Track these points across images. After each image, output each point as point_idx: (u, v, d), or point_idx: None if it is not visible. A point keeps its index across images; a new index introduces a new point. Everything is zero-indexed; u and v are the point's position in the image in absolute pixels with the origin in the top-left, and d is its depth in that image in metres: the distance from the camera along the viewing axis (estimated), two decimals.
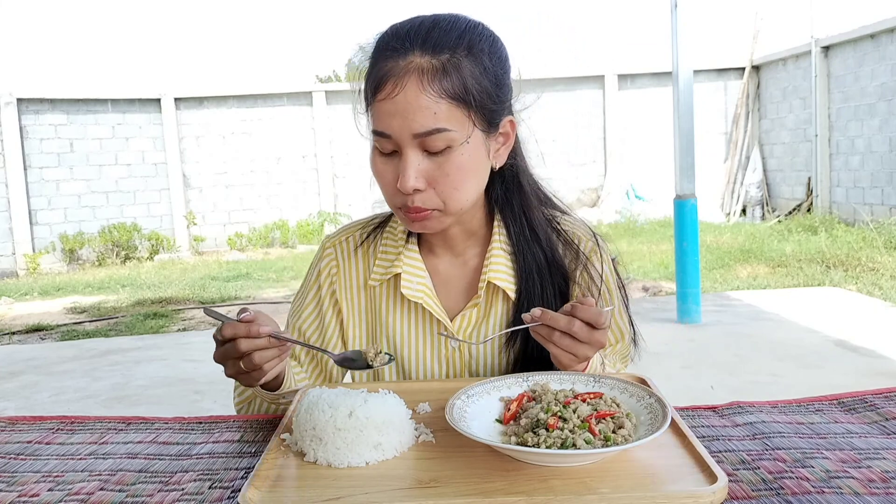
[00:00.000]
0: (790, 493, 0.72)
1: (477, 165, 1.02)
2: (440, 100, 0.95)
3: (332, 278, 1.19)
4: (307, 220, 11.31)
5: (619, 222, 10.58)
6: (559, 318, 0.94)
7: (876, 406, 0.95)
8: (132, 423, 1.02)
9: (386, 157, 1.01)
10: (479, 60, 0.99)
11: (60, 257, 10.42)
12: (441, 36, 0.98)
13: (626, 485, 0.71)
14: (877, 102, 8.58)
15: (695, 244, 5.28)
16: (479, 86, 0.98)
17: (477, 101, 0.98)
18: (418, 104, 0.95)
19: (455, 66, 0.96)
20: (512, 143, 1.09)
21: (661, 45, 8.00)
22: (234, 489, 0.78)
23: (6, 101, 10.03)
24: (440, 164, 0.99)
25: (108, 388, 4.49)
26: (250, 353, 0.92)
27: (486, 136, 1.02)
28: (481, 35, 1.01)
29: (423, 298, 1.12)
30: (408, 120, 0.96)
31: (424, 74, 0.95)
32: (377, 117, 0.99)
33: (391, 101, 0.96)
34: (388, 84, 0.96)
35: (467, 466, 0.77)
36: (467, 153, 0.99)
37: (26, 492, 0.80)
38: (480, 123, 1.00)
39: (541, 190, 1.18)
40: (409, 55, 0.96)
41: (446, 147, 0.98)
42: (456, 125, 0.97)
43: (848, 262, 6.96)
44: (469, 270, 1.16)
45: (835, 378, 3.92)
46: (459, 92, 0.96)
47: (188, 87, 11.18)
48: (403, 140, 0.97)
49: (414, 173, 0.98)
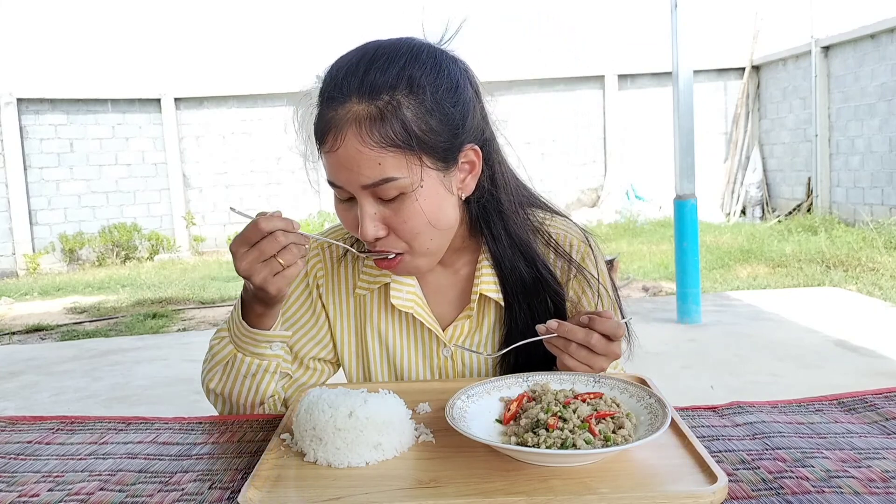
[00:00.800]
0: (790, 493, 0.72)
1: (437, 206, 0.97)
2: (383, 150, 0.91)
3: (319, 282, 1.17)
4: (307, 220, 11.31)
5: (619, 222, 10.58)
6: (577, 331, 0.93)
7: (876, 406, 0.95)
8: (132, 423, 1.02)
9: (345, 204, 0.99)
10: (422, 99, 0.93)
11: (60, 257, 10.42)
12: (378, 77, 0.92)
13: (626, 485, 0.71)
14: (877, 102, 8.58)
15: (695, 244, 5.29)
16: (424, 125, 0.93)
17: (423, 142, 0.93)
18: (360, 156, 0.91)
19: (394, 109, 0.91)
20: (479, 171, 1.03)
21: (661, 45, 7.99)
22: (234, 489, 0.78)
23: (6, 101, 10.03)
24: (396, 211, 0.95)
25: (108, 388, 4.49)
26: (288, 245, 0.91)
27: (443, 174, 0.97)
28: (424, 67, 0.94)
29: (413, 308, 1.11)
30: (353, 172, 0.92)
31: (362, 125, 0.90)
32: (326, 168, 0.97)
33: (334, 154, 0.93)
34: (329, 136, 0.93)
35: (467, 466, 0.77)
36: (423, 197, 0.95)
37: (26, 492, 0.80)
38: (433, 163, 0.95)
39: (525, 194, 1.15)
40: (346, 103, 0.92)
41: (399, 194, 0.94)
42: (404, 171, 0.92)
43: (848, 262, 6.96)
44: (460, 279, 1.14)
45: (835, 378, 3.92)
46: (402, 137, 0.91)
47: (188, 87, 11.19)
48: (354, 191, 0.95)
49: (371, 223, 0.96)
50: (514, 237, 1.08)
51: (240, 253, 0.93)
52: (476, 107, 1.02)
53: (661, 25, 6.12)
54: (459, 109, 0.97)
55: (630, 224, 10.33)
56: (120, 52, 13.39)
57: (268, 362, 1.06)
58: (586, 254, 1.13)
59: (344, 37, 1.04)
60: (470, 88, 1.01)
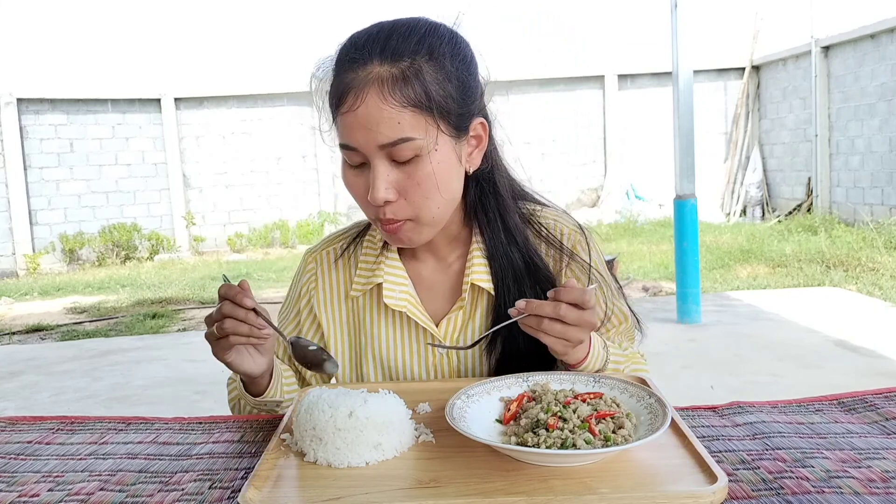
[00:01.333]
0: (790, 493, 0.72)
1: (448, 172, 1.00)
2: (403, 109, 0.93)
3: (311, 293, 1.18)
4: (307, 220, 11.31)
5: (618, 222, 10.58)
6: (545, 305, 0.92)
7: (876, 406, 0.95)
8: (132, 423, 1.02)
9: (356, 170, 1.00)
10: (441, 64, 0.96)
11: (60, 257, 10.42)
12: (400, 43, 0.95)
13: (626, 485, 0.71)
14: (877, 102, 8.58)
15: (695, 244, 5.29)
16: (443, 90, 0.96)
17: (441, 106, 0.96)
18: (381, 115, 0.93)
19: (416, 72, 0.94)
20: (485, 145, 1.06)
21: (661, 45, 7.99)
22: (234, 489, 0.78)
23: (6, 101, 10.03)
24: (409, 174, 0.97)
25: (108, 388, 4.50)
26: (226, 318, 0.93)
27: (455, 142, 1.00)
28: (442, 38, 0.98)
29: (406, 307, 1.11)
30: (372, 131, 0.94)
31: (385, 84, 0.93)
32: (342, 130, 0.97)
33: (353, 113, 0.94)
34: (349, 96, 0.95)
35: (467, 466, 0.77)
36: (436, 160, 0.97)
37: (26, 492, 0.80)
38: (447, 129, 0.98)
39: (517, 187, 1.17)
40: (368, 65, 0.94)
41: (414, 156, 0.96)
42: (421, 133, 0.95)
43: (848, 262, 6.96)
44: (452, 274, 1.15)
45: (835, 378, 3.92)
46: (422, 99, 0.94)
47: (188, 87, 11.19)
48: (370, 152, 0.96)
49: (383, 185, 0.96)
50: (509, 222, 1.10)
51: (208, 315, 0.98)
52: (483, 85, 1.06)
53: (661, 25, 6.12)
54: (473, 81, 1.02)
55: (630, 224, 10.33)
56: (120, 52, 13.39)
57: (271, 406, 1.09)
58: (577, 241, 1.14)
59: (343, 37, 1.04)
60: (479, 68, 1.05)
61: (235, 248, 11.11)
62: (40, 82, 11.19)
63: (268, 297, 7.36)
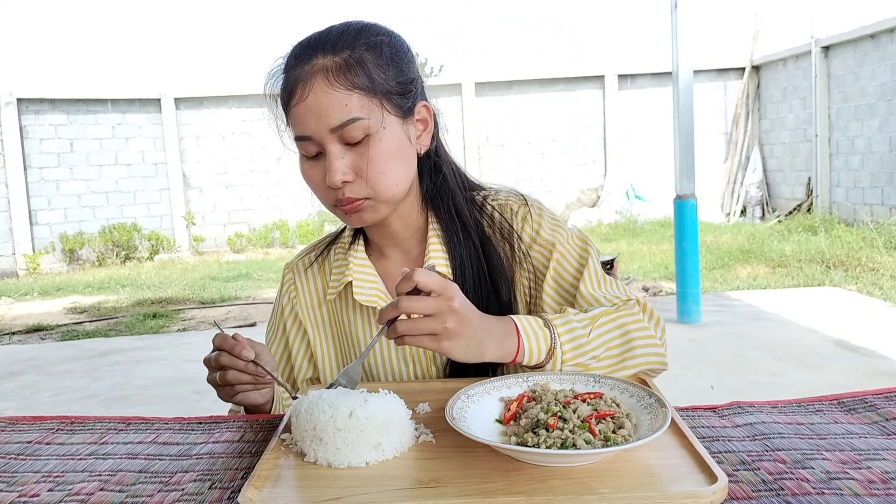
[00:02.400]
0: (790, 494, 0.72)
1: (399, 149, 1.04)
2: (349, 91, 0.99)
3: (293, 303, 1.22)
4: (307, 220, 11.31)
5: (619, 222, 10.58)
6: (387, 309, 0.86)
7: (876, 406, 0.94)
8: (132, 423, 1.02)
9: (312, 161, 1.05)
10: (379, 52, 1.03)
11: (60, 257, 10.42)
12: (339, 37, 1.03)
13: (626, 485, 0.71)
14: (877, 102, 8.58)
15: (695, 244, 5.29)
16: (384, 74, 1.02)
17: (384, 88, 1.02)
18: (328, 100, 0.99)
19: (357, 60, 1.01)
20: (432, 128, 1.12)
21: (661, 45, 8.00)
22: (234, 489, 0.78)
23: (6, 101, 10.03)
24: (362, 153, 1.02)
25: (108, 388, 4.50)
26: (227, 369, 0.98)
27: (402, 122, 1.05)
28: (378, 31, 1.06)
29: (376, 302, 1.13)
30: (322, 117, 0.99)
31: (329, 72, 1.00)
32: (295, 123, 1.03)
33: (303, 103, 1.00)
34: (297, 89, 1.01)
35: (467, 466, 0.77)
36: (386, 138, 1.02)
37: (26, 492, 0.80)
38: (393, 109, 1.03)
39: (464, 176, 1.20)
40: (313, 59, 1.01)
41: (365, 136, 1.01)
42: (368, 113, 1.00)
43: (848, 262, 6.96)
44: (416, 265, 1.17)
45: (835, 378, 3.92)
46: (365, 82, 1.00)
47: (188, 87, 11.19)
48: (323, 137, 1.01)
49: (339, 166, 1.01)
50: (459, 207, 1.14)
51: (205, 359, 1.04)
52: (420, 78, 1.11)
53: (661, 25, 6.12)
54: (412, 69, 1.08)
55: (630, 224, 10.33)
56: (120, 52, 13.39)
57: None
58: (526, 212, 1.16)
59: None
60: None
61: (235, 248, 11.11)
62: (40, 82, 11.19)
63: (268, 297, 7.36)
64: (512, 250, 1.14)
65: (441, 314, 0.86)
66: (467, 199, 1.16)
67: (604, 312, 1.03)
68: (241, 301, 7.30)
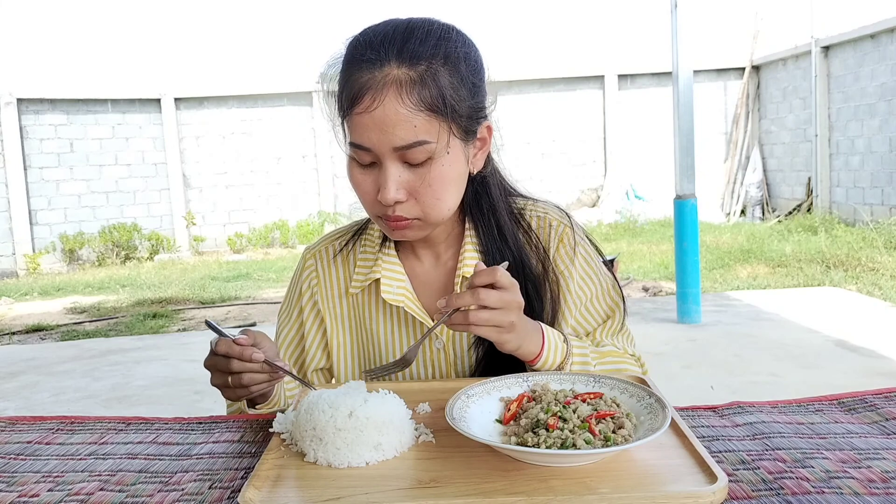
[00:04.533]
0: (790, 494, 0.72)
1: (457, 174, 1.02)
2: (419, 112, 0.94)
3: (313, 290, 1.19)
4: (307, 220, 11.31)
5: (619, 222, 10.58)
6: (463, 296, 0.92)
7: (876, 406, 0.95)
8: (132, 423, 1.02)
9: (365, 168, 1.00)
10: (456, 69, 0.98)
11: (60, 257, 10.42)
12: (417, 45, 0.96)
13: (626, 485, 0.71)
14: (877, 102, 8.58)
15: (695, 244, 5.29)
16: (457, 95, 0.97)
17: (455, 110, 0.97)
18: (398, 118, 0.94)
19: (432, 76, 0.95)
20: (489, 147, 1.08)
21: (661, 45, 8.00)
22: (234, 489, 0.78)
23: (6, 101, 10.03)
24: (421, 176, 0.98)
25: (108, 388, 4.50)
26: (240, 373, 0.96)
27: (464, 144, 1.02)
28: (456, 42, 0.99)
29: (403, 301, 1.12)
30: (387, 133, 0.94)
31: (403, 87, 0.94)
32: (355, 130, 0.97)
33: (369, 114, 0.94)
34: (365, 97, 0.94)
35: (467, 466, 0.77)
36: (448, 163, 0.99)
37: (26, 492, 0.80)
38: (459, 132, 0.99)
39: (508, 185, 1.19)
40: (385, 66, 0.94)
41: (427, 158, 0.97)
42: (435, 136, 0.96)
43: (848, 262, 6.96)
44: (447, 271, 1.16)
45: (835, 378, 3.92)
46: (438, 103, 0.95)
47: (188, 87, 11.19)
48: (383, 153, 0.96)
49: (395, 185, 0.97)
50: (501, 220, 1.12)
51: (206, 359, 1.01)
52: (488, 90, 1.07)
53: (661, 25, 6.12)
54: (483, 86, 1.03)
55: (630, 224, 10.33)
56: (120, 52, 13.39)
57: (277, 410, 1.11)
58: (565, 231, 1.15)
59: (342, 37, 1.05)
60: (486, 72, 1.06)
61: (235, 248, 11.11)
62: (40, 82, 11.20)
63: (268, 297, 7.37)
64: (544, 268, 1.14)
65: (510, 309, 0.94)
66: (508, 209, 1.15)
67: (612, 352, 1.13)
68: (241, 301, 7.30)
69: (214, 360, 0.98)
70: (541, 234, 1.15)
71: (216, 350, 0.97)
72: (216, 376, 0.99)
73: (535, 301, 1.12)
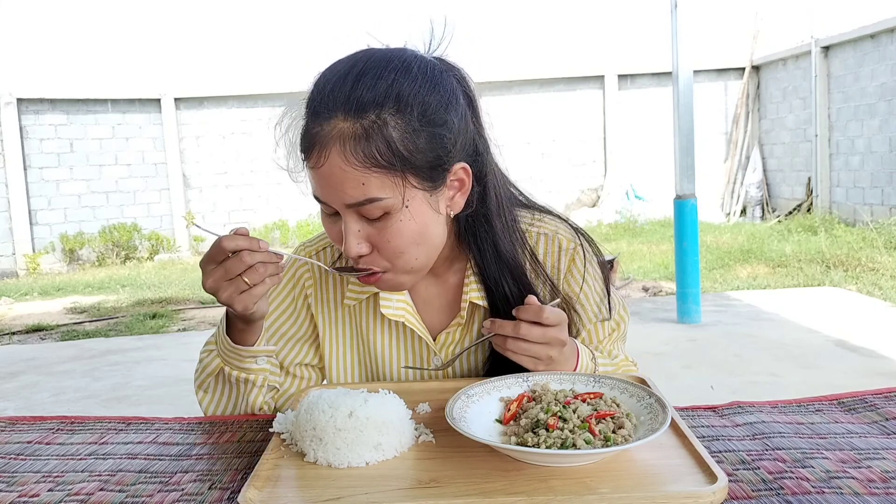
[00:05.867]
0: (790, 494, 0.72)
1: (422, 226, 0.95)
2: (367, 170, 0.89)
3: (307, 291, 1.16)
4: (307, 220, 11.31)
5: (619, 222, 10.58)
6: (506, 325, 0.95)
7: (876, 406, 0.95)
8: (132, 423, 1.02)
9: (332, 217, 0.98)
10: (409, 116, 0.90)
11: (60, 257, 10.42)
12: (365, 92, 0.89)
13: (626, 485, 0.71)
14: (877, 102, 8.58)
15: (695, 244, 5.28)
16: (412, 145, 0.90)
17: (410, 162, 0.90)
18: (344, 176, 0.89)
19: (379, 129, 0.88)
20: (469, 188, 1.00)
21: (661, 45, 8.00)
22: (234, 489, 0.78)
23: (6, 101, 10.03)
24: (380, 230, 0.94)
25: (108, 388, 4.49)
26: (254, 264, 0.91)
27: (429, 194, 0.95)
28: (414, 82, 0.91)
29: (404, 317, 1.10)
30: (338, 191, 0.91)
31: (346, 143, 0.88)
32: (311, 183, 0.95)
33: (319, 170, 0.91)
34: (313, 152, 0.91)
35: (467, 466, 0.77)
36: (407, 217, 0.93)
37: (26, 492, 0.80)
38: (419, 183, 0.92)
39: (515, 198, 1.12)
40: (332, 119, 0.89)
41: (384, 213, 0.92)
42: (389, 192, 0.90)
43: (848, 262, 6.96)
44: (449, 288, 1.13)
45: (835, 378, 3.92)
46: (387, 158, 0.89)
47: (188, 87, 11.19)
48: (339, 208, 0.93)
49: (354, 240, 0.94)
50: (501, 251, 1.06)
51: (206, 270, 0.94)
52: (469, 120, 0.99)
53: (661, 25, 6.12)
54: (450, 127, 0.94)
55: (630, 224, 10.33)
56: (120, 52, 13.39)
57: (255, 376, 1.07)
58: (576, 252, 1.11)
59: (343, 37, 1.03)
60: (463, 102, 0.98)
61: None
62: (40, 82, 11.19)
63: None
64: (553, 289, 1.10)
65: (552, 346, 0.96)
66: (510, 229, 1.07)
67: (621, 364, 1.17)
68: None
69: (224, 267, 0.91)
70: (548, 259, 1.10)
71: (224, 247, 0.91)
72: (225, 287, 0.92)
73: None
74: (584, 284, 1.11)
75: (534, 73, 11.22)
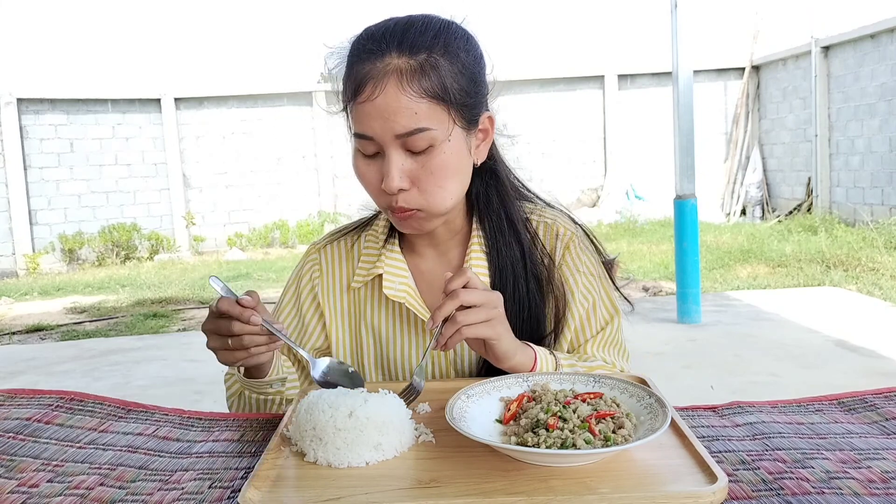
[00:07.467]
0: (790, 494, 0.72)
1: (459, 163, 1.03)
2: (420, 99, 0.96)
3: (314, 283, 1.20)
4: (307, 220, 11.31)
5: (619, 222, 10.58)
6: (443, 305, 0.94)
7: (876, 406, 0.94)
8: (132, 409, 1.03)
9: (369, 159, 1.02)
10: (456, 58, 1.00)
11: (60, 257, 10.42)
12: (416, 36, 0.98)
13: (626, 485, 0.71)
14: (877, 102, 8.58)
15: (695, 244, 5.29)
16: (457, 83, 0.99)
17: (456, 98, 0.99)
18: (399, 105, 0.95)
19: (433, 65, 0.97)
20: (491, 138, 1.10)
21: (661, 45, 8.00)
22: (234, 489, 0.78)
23: (6, 101, 10.03)
24: (423, 164, 0.99)
25: (108, 388, 4.49)
26: (241, 335, 0.95)
27: (466, 133, 1.03)
28: (455, 34, 1.02)
29: (405, 298, 1.13)
30: (389, 121, 0.96)
31: (403, 75, 0.96)
32: (358, 120, 0.99)
33: (371, 103, 0.96)
34: (367, 86, 0.97)
35: (467, 466, 0.77)
36: (449, 151, 1.00)
37: (25, 480, 0.80)
38: (460, 121, 1.01)
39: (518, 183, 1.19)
40: (386, 57, 0.97)
41: (429, 146, 0.98)
42: (437, 124, 0.98)
43: (848, 262, 6.96)
44: (452, 269, 1.16)
45: (835, 378, 3.92)
46: (439, 90, 0.97)
47: (188, 87, 11.19)
48: (386, 141, 0.98)
49: (398, 173, 0.98)
50: (511, 214, 1.13)
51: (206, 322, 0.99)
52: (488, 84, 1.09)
53: (661, 25, 6.12)
54: (483, 77, 1.06)
55: (630, 224, 10.33)
56: (120, 52, 13.39)
57: (273, 397, 1.11)
58: (571, 240, 1.16)
59: (343, 37, 1.05)
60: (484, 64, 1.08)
61: (235, 247, 11.11)
62: (40, 82, 11.19)
63: (267, 297, 7.36)
64: (548, 272, 1.14)
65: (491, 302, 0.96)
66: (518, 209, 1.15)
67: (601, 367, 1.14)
68: None
69: (215, 323, 0.97)
70: (546, 243, 1.16)
71: (217, 308, 0.95)
72: (213, 339, 0.98)
73: (538, 300, 1.12)
74: (575, 272, 1.15)
75: (534, 73, 11.22)
